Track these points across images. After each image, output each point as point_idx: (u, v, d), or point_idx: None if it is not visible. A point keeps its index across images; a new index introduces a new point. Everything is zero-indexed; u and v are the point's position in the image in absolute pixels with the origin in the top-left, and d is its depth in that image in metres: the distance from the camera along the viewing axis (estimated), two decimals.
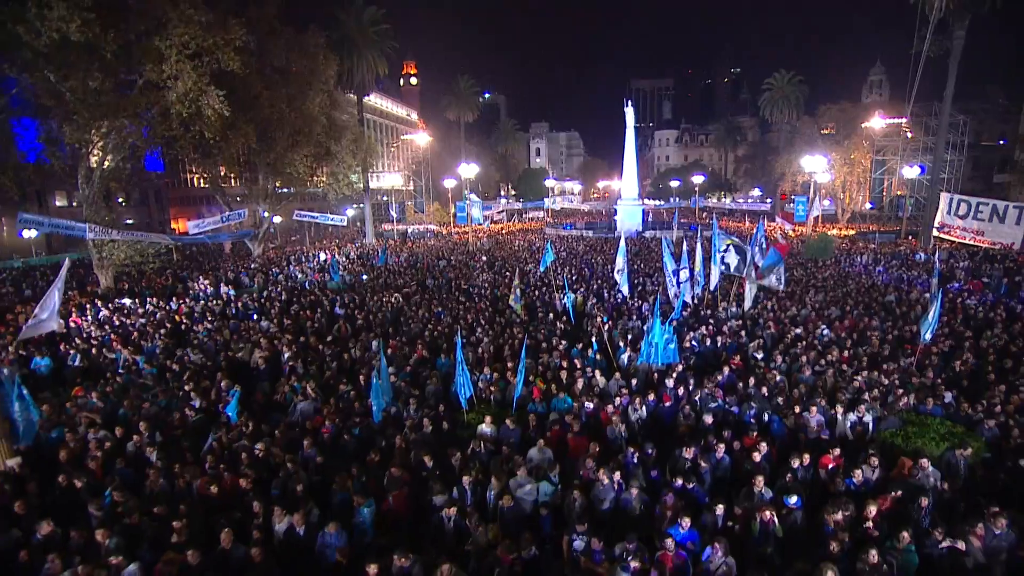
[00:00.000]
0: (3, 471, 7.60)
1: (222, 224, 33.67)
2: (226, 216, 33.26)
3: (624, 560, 5.53)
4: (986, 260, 24.01)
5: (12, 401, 7.86)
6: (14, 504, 6.83)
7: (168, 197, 63.09)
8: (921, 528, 5.79)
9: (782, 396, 9.22)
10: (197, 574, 5.65)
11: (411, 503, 7.02)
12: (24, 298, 21.39)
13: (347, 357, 13.04)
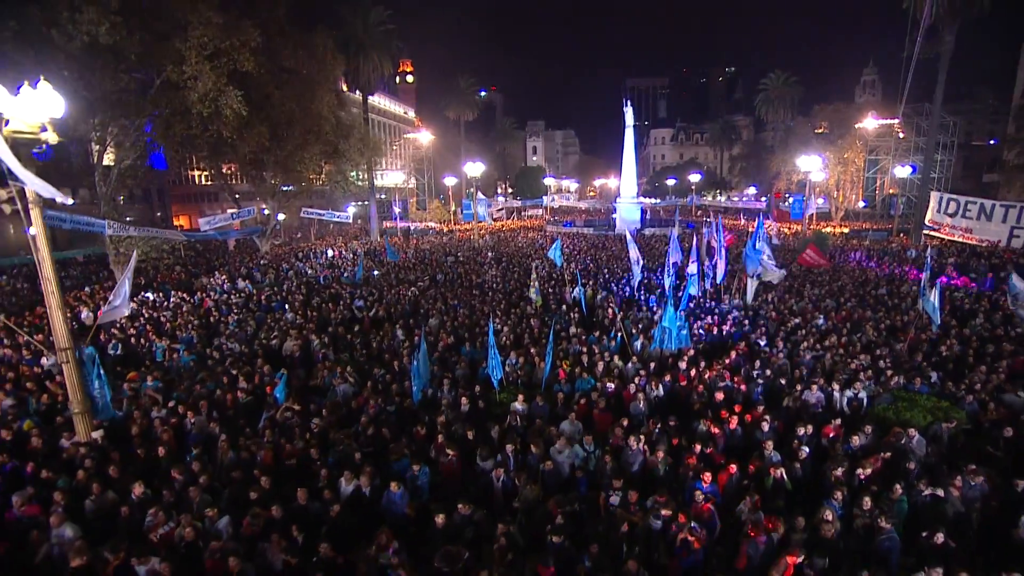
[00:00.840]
0: (88, 442, 8.40)
1: (232, 221, 34.32)
2: (236, 213, 33.93)
3: (656, 510, 6.42)
4: (974, 256, 25.06)
5: (92, 380, 8.65)
6: (107, 470, 7.65)
7: (170, 194, 63.44)
8: (910, 482, 6.71)
9: (785, 377, 10.14)
10: (280, 526, 6.47)
11: (459, 468, 7.88)
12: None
13: (375, 345, 13.88)
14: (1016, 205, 26.33)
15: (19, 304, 21.18)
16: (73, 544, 6.21)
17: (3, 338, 15.08)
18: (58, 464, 8.02)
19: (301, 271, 27.50)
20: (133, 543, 6.11)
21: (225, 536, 6.40)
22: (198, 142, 25.02)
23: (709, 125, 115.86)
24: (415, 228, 49.96)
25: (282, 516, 6.59)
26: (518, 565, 5.64)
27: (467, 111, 68.98)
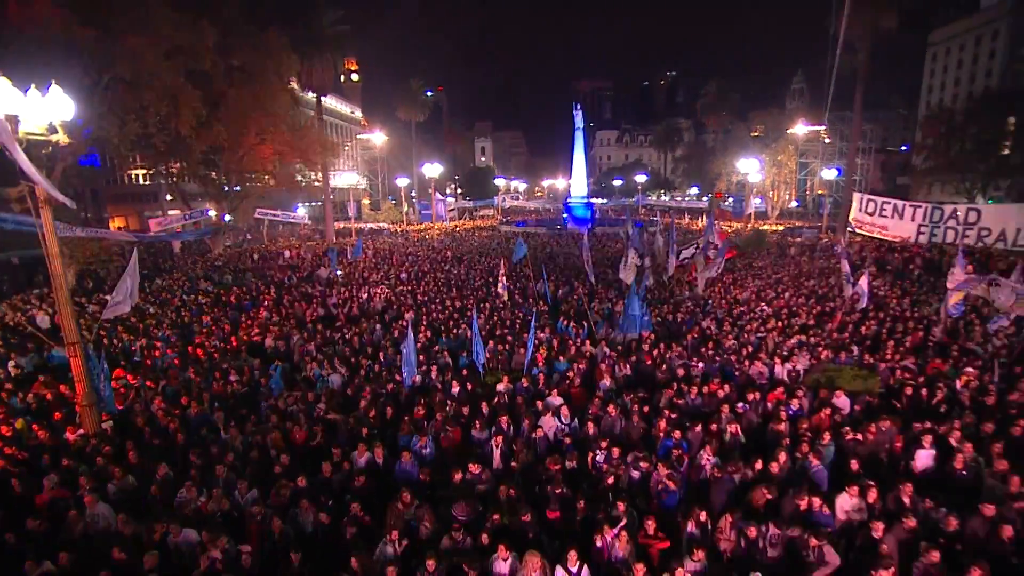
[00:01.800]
0: (98, 432, 8.77)
1: (186, 222, 33.55)
2: (190, 215, 33.19)
3: (636, 463, 7.58)
4: (889, 251, 27.96)
5: (98, 375, 8.99)
6: (124, 456, 8.11)
7: (104, 195, 60.27)
8: (837, 431, 8.18)
9: (734, 354, 11.63)
10: (307, 495, 7.19)
11: (459, 440, 8.79)
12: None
13: (356, 340, 14.51)
14: (922, 205, 29.32)
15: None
16: (111, 520, 6.76)
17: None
18: (71, 454, 8.36)
19: (261, 273, 27.40)
20: (171, 517, 6.71)
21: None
22: (154, 141, 24.49)
23: (653, 127, 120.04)
24: (369, 229, 49.92)
25: (307, 486, 7.32)
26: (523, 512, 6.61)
27: (418, 112, 69.06)
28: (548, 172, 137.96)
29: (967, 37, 56.35)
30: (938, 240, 26.75)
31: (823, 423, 8.52)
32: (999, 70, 51.61)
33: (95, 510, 6.93)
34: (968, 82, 55.89)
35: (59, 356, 13.50)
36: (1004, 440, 7.71)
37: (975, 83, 54.52)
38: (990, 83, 51.10)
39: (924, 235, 28.72)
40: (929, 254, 24.89)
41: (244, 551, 5.89)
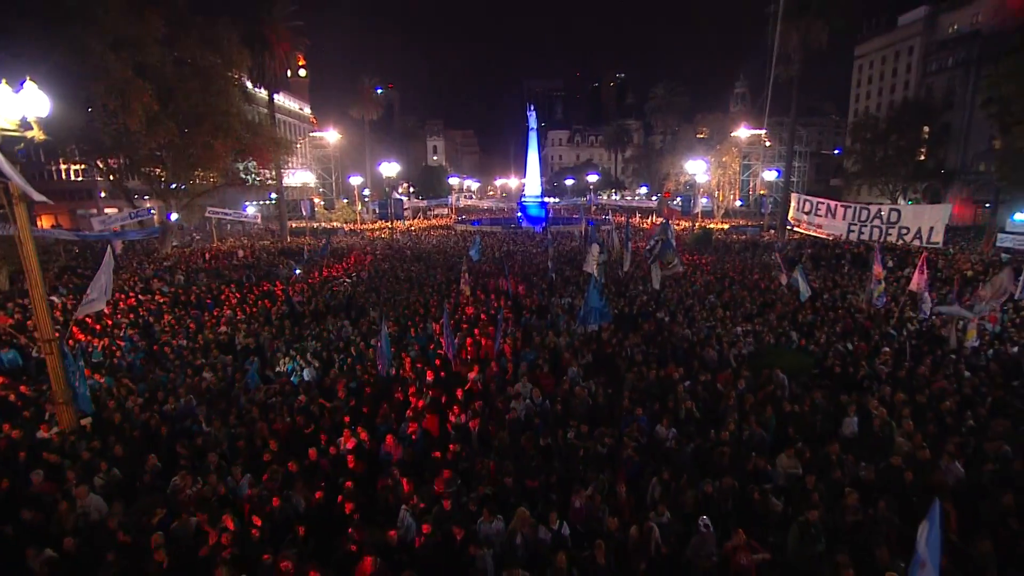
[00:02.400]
0: (76, 429, 8.81)
1: (129, 220, 32.24)
2: (135, 212, 31.95)
3: (601, 439, 8.36)
4: (824, 248, 30.24)
5: (73, 373, 8.99)
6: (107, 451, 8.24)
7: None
8: (778, 404, 9.26)
9: (687, 341, 12.67)
10: (298, 478, 7.59)
11: (438, 424, 9.35)
12: None
13: (326, 335, 14.75)
14: (851, 205, 31.66)
15: None
16: (103, 510, 6.97)
17: None
18: (52, 451, 8.38)
19: (216, 272, 26.83)
20: (168, 503, 6.99)
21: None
22: (102, 136, 23.62)
23: (604, 128, 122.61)
24: (323, 228, 49.22)
25: (298, 469, 7.71)
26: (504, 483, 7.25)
27: (371, 110, 68.40)
28: (500, 171, 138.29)
29: (888, 51, 60.84)
30: (865, 237, 28.98)
31: (765, 396, 9.59)
32: (915, 82, 56.05)
33: (86, 502, 7.09)
34: (889, 92, 60.35)
35: (8, 357, 13.16)
36: (912, 406, 8.97)
37: (895, 93, 58.94)
38: (908, 94, 55.40)
39: (854, 233, 31.00)
40: (858, 250, 27.07)
41: (256, 521, 6.28)
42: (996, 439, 7.74)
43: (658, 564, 5.98)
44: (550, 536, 6.12)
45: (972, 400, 9.33)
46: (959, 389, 9.74)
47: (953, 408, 8.98)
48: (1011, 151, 26.00)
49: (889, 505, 6.23)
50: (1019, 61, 24.00)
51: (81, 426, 9.00)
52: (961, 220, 47.39)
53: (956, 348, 12.17)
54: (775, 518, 6.60)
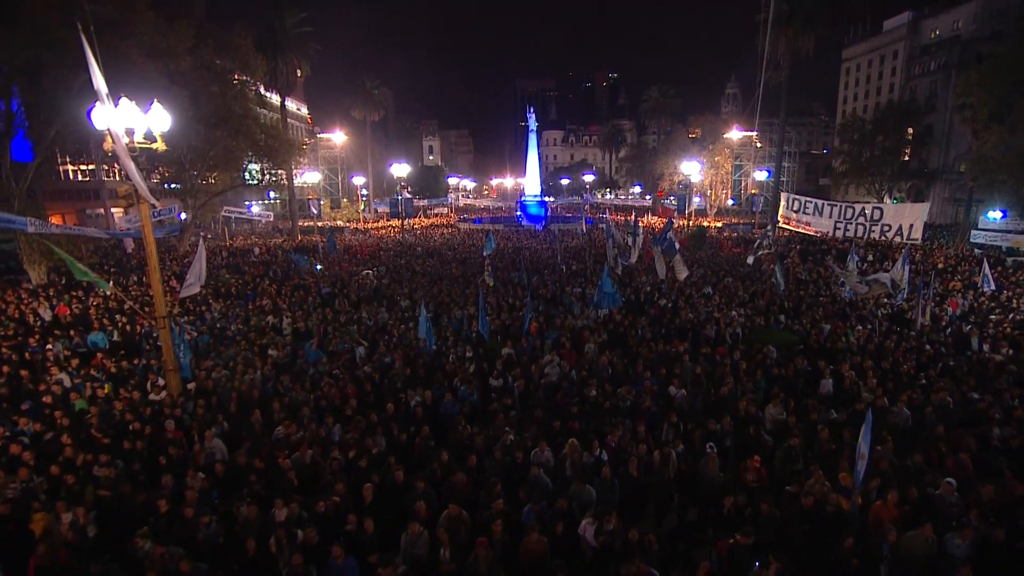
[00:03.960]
0: (184, 391, 10.55)
1: (154, 219, 33.65)
2: (157, 212, 33.43)
3: (623, 397, 10.19)
4: (811, 244, 32.29)
5: (178, 346, 10.71)
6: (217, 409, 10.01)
7: (41, 191, 57.81)
8: (767, 370, 11.14)
9: (688, 323, 14.57)
10: (378, 425, 9.32)
11: (483, 388, 11.14)
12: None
13: (365, 320, 16.52)
14: (837, 204, 33.82)
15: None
16: (224, 452, 8.70)
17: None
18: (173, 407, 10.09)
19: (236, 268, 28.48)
20: (279, 446, 8.75)
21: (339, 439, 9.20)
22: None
23: (597, 128, 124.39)
24: (329, 227, 50.82)
25: (380, 419, 9.49)
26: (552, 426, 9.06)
27: (373, 111, 69.92)
28: (495, 170, 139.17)
29: (873, 55, 63.21)
30: (850, 235, 31.10)
31: (756, 363, 11.48)
32: (899, 85, 58.37)
33: (212, 444, 8.84)
34: (875, 95, 62.71)
35: (97, 339, 14.81)
36: (877, 370, 10.89)
37: (881, 96, 61.29)
38: (892, 97, 57.72)
39: (840, 230, 33.11)
40: (842, 246, 29.13)
41: (370, 444, 8.11)
42: (940, 392, 9.64)
43: (675, 479, 7.81)
44: (592, 460, 7.94)
45: (926, 365, 11.27)
46: (917, 357, 11.68)
47: (910, 371, 10.91)
48: (981, 154, 28.07)
49: (852, 435, 8.09)
50: (987, 70, 26.06)
51: (187, 389, 10.72)
52: (943, 218, 49.76)
53: (920, 328, 14.14)
54: (766, 450, 8.45)
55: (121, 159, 9.33)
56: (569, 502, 6.75)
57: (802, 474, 7.56)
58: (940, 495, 6.64)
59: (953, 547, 5.79)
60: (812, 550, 6.10)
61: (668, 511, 7.63)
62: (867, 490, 6.75)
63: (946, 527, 6.05)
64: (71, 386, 11.19)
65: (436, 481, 7.56)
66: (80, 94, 21.82)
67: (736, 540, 5.97)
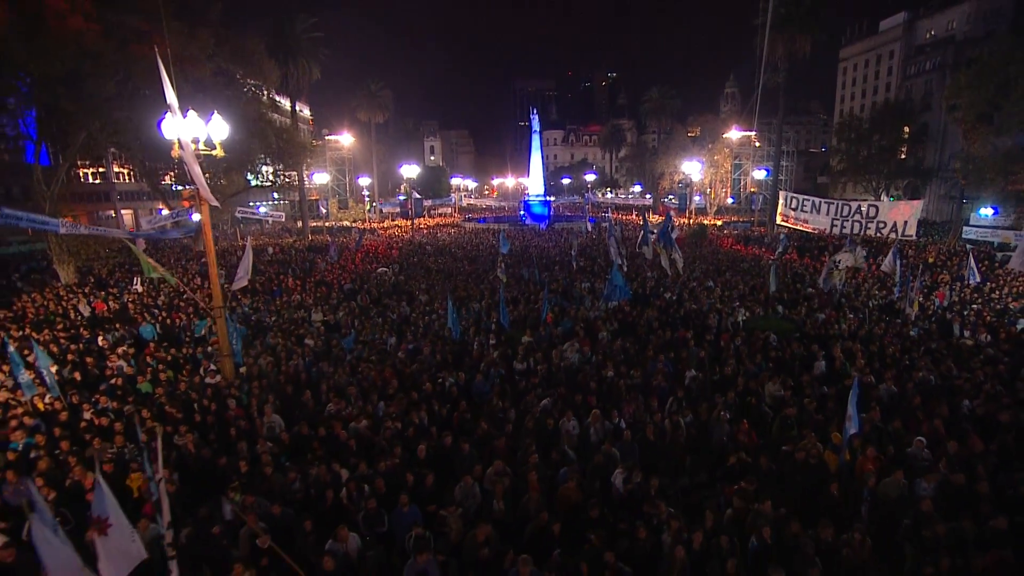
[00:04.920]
0: (237, 375, 11.66)
1: (171, 220, 34.82)
2: (176, 213, 34.56)
3: (636, 376, 11.30)
4: (808, 240, 33.41)
5: (232, 334, 11.81)
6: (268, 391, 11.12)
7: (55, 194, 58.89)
8: (766, 352, 12.26)
9: (693, 314, 15.71)
10: (419, 402, 10.43)
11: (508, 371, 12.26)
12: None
13: (387, 313, 17.66)
14: (835, 202, 34.92)
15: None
16: (282, 426, 9.80)
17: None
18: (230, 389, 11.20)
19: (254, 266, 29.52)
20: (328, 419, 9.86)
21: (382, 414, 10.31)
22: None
23: (597, 128, 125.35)
24: (337, 227, 51.96)
25: (420, 396, 10.61)
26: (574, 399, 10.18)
27: (378, 113, 70.97)
28: (496, 170, 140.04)
29: (870, 55, 64.34)
30: (847, 232, 32.19)
31: (757, 348, 12.62)
32: (896, 85, 59.49)
33: (271, 419, 9.95)
34: (872, 94, 63.83)
35: (147, 330, 15.93)
36: (866, 353, 12.02)
37: (877, 95, 62.40)
38: (889, 96, 58.83)
39: (837, 227, 34.21)
40: (839, 243, 30.23)
41: (415, 418, 9.22)
42: (920, 371, 10.77)
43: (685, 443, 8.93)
44: (612, 427, 9.07)
45: (910, 348, 12.40)
46: (902, 342, 12.81)
47: (895, 353, 12.04)
48: (970, 154, 29.19)
49: (841, 406, 9.21)
50: (974, 74, 27.19)
51: (240, 373, 11.84)
52: (939, 215, 50.89)
53: (910, 317, 15.27)
54: (765, 420, 9.56)
55: (188, 165, 10.43)
56: (604, 458, 7.91)
57: (796, 438, 8.68)
58: (912, 451, 7.78)
59: (921, 490, 6.91)
60: (804, 495, 7.22)
61: (681, 472, 8.75)
62: (853, 447, 7.86)
63: (917, 475, 7.17)
64: (134, 372, 12.32)
65: (479, 445, 8.68)
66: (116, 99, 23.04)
67: (740, 486, 7.11)
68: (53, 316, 18.33)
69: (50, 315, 18.39)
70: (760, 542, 6.02)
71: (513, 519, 6.91)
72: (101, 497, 5.08)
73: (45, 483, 7.68)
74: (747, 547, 6.07)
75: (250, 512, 6.93)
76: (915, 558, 5.81)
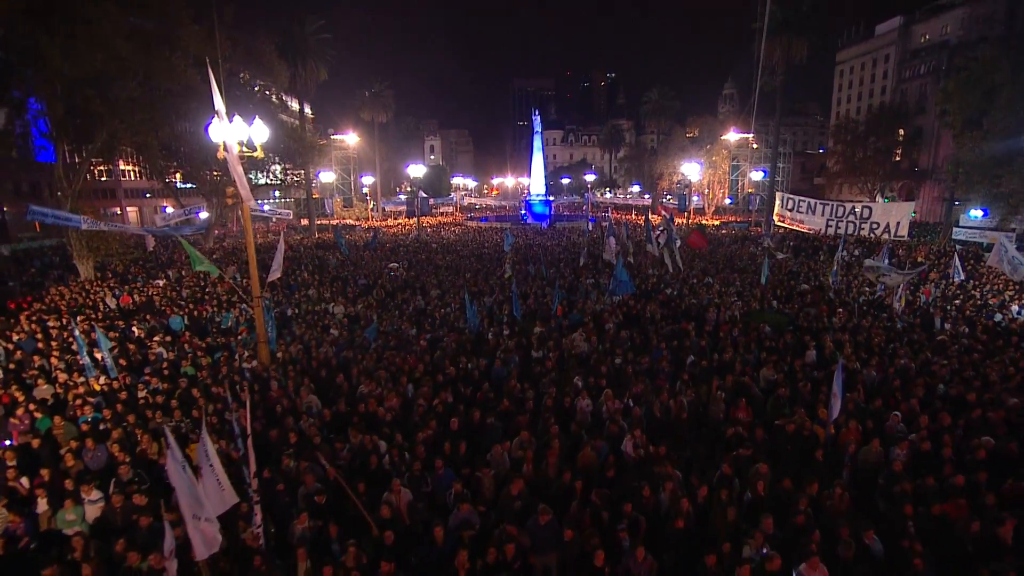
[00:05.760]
0: (273, 359, 12.61)
1: (183, 217, 35.69)
2: (188, 210, 35.44)
3: (642, 363, 12.30)
4: (804, 240, 34.48)
5: (268, 322, 12.76)
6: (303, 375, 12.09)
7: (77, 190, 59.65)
8: (761, 341, 13.26)
9: (693, 308, 16.72)
10: (445, 384, 11.40)
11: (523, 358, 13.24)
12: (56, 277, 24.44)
13: (403, 306, 18.63)
14: (829, 202, 35.98)
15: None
16: (319, 406, 10.75)
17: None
18: (257, 376, 12.15)
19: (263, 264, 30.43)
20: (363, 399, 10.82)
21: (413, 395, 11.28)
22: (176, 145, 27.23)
23: (595, 128, 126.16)
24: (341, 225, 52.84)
25: (445, 379, 11.58)
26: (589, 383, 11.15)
27: (381, 113, 71.76)
28: (496, 169, 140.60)
29: (866, 59, 65.44)
30: (841, 232, 33.24)
31: (753, 338, 13.64)
32: (891, 88, 60.61)
33: (308, 399, 10.90)
34: (868, 96, 64.93)
35: (176, 321, 16.86)
36: (853, 343, 13.04)
37: (873, 97, 63.50)
38: (884, 99, 59.95)
39: (831, 227, 35.23)
40: (832, 242, 31.31)
41: (444, 397, 10.20)
42: (902, 358, 11.80)
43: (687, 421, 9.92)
44: (622, 405, 10.06)
45: (893, 340, 13.44)
46: (887, 334, 13.85)
47: (880, 343, 13.07)
48: (958, 158, 30.28)
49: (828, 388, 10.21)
50: (961, 81, 28.26)
51: (275, 358, 12.80)
52: (933, 216, 52.02)
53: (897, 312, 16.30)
54: (760, 400, 10.56)
55: (232, 166, 11.36)
56: (617, 428, 8.93)
57: (789, 415, 9.68)
58: (890, 424, 8.79)
59: (894, 455, 7.92)
60: (794, 460, 8.21)
61: (684, 445, 9.74)
62: (838, 422, 8.86)
63: (892, 444, 8.19)
64: (175, 357, 13.27)
65: (504, 420, 9.66)
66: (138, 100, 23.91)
67: (738, 453, 8.11)
68: (82, 308, 19.22)
69: (80, 307, 19.29)
70: (755, 495, 7.02)
71: (538, 480, 7.88)
72: (200, 452, 5.98)
73: (120, 449, 8.65)
74: (743, 499, 7.07)
75: (307, 474, 7.92)
76: (887, 508, 6.82)
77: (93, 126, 24.07)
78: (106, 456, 8.77)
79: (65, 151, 35.64)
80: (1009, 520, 6.15)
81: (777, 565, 5.71)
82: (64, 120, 25.09)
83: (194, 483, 5.52)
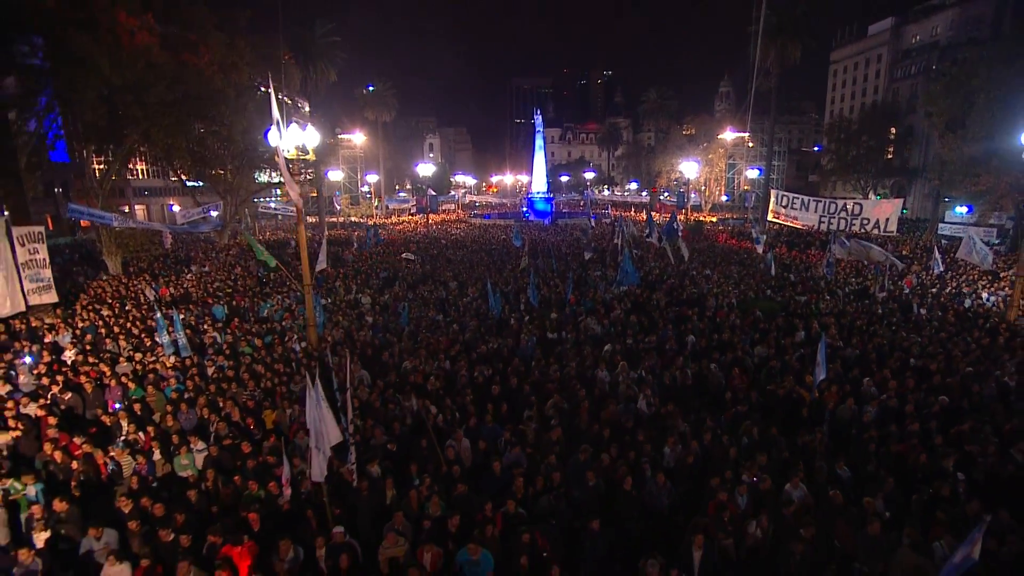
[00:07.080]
0: (322, 341, 14.13)
1: (199, 215, 37.08)
2: (205, 208, 36.85)
3: (648, 341, 13.86)
4: (798, 236, 36.14)
5: (316, 308, 14.26)
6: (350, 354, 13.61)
7: (74, 190, 60.88)
8: (755, 324, 14.85)
9: (694, 296, 18.31)
10: (477, 361, 12.93)
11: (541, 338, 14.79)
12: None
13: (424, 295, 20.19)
14: (822, 200, 37.54)
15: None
16: (368, 378, 12.27)
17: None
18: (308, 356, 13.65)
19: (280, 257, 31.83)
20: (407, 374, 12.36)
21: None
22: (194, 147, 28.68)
23: (594, 127, 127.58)
24: (350, 222, 54.23)
25: (478, 354, 13.12)
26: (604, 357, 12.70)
27: (384, 112, 73.07)
28: (495, 167, 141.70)
29: (859, 58, 67.14)
30: (834, 228, 34.78)
31: (748, 322, 15.24)
32: (883, 87, 62.30)
33: (359, 373, 12.41)
34: (861, 95, 66.65)
35: (219, 310, 18.36)
36: (837, 325, 14.65)
37: (866, 96, 65.21)
38: (877, 98, 61.64)
39: (824, 224, 36.72)
40: (824, 238, 32.88)
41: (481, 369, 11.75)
42: (879, 338, 13.41)
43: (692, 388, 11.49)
44: (636, 376, 11.63)
45: (874, 322, 15.06)
46: (868, 317, 15.47)
47: (862, 325, 14.68)
48: (941, 157, 31.95)
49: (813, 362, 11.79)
50: (944, 85, 29.91)
51: (325, 340, 14.32)
52: (923, 212, 53.71)
53: (879, 299, 17.94)
54: (753, 371, 12.14)
55: (282, 170, 12.81)
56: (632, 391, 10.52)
57: (779, 383, 11.27)
58: (864, 388, 10.40)
59: (865, 412, 9.51)
60: (783, 417, 9.80)
61: (689, 409, 11.32)
62: (820, 387, 10.44)
63: (864, 403, 9.79)
64: (233, 339, 14.78)
65: (536, 387, 11.22)
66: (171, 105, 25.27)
67: (736, 410, 9.69)
68: (125, 300, 20.67)
69: (123, 299, 20.74)
70: (750, 439, 8.60)
71: (572, 431, 9.44)
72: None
73: (209, 412, 10.16)
74: (741, 443, 8.65)
75: (376, 428, 9.47)
76: (856, 449, 8.42)
77: (123, 129, 25.43)
78: (196, 418, 10.29)
79: (87, 152, 37.02)
80: (953, 455, 7.76)
81: (768, 485, 7.28)
82: (94, 124, 26.40)
83: (321, 419, 7.03)
